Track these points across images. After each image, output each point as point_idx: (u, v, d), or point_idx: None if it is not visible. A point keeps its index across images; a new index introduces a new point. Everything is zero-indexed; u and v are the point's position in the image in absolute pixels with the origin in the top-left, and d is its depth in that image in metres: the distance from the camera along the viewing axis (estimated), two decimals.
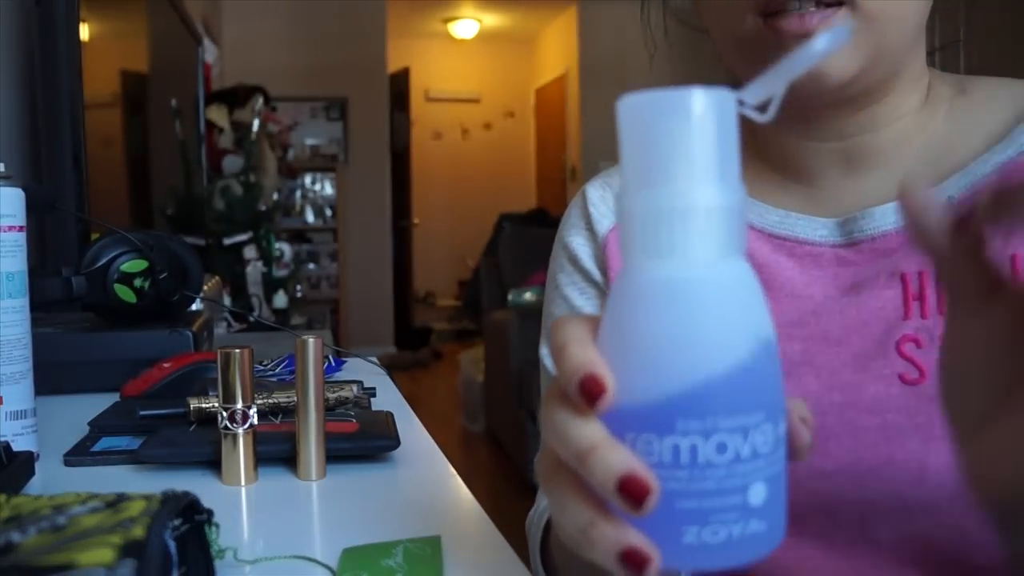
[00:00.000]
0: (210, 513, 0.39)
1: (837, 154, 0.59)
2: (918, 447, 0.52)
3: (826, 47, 0.30)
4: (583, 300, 0.68)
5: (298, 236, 5.82)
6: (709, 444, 0.28)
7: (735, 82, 0.59)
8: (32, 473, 0.57)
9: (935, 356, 0.53)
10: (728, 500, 0.29)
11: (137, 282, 0.91)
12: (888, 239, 0.56)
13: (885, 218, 0.57)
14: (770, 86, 0.30)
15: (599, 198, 0.68)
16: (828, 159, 0.59)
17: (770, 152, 0.62)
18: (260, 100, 3.62)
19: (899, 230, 0.56)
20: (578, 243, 0.68)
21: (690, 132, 0.28)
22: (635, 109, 0.29)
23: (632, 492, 0.28)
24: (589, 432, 0.30)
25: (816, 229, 0.59)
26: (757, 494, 0.29)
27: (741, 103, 0.30)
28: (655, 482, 0.28)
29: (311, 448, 0.58)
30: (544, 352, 0.71)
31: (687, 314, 0.29)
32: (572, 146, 6.52)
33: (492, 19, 7.04)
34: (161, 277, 0.91)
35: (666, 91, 0.29)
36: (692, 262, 0.29)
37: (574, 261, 0.69)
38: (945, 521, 0.52)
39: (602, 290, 0.67)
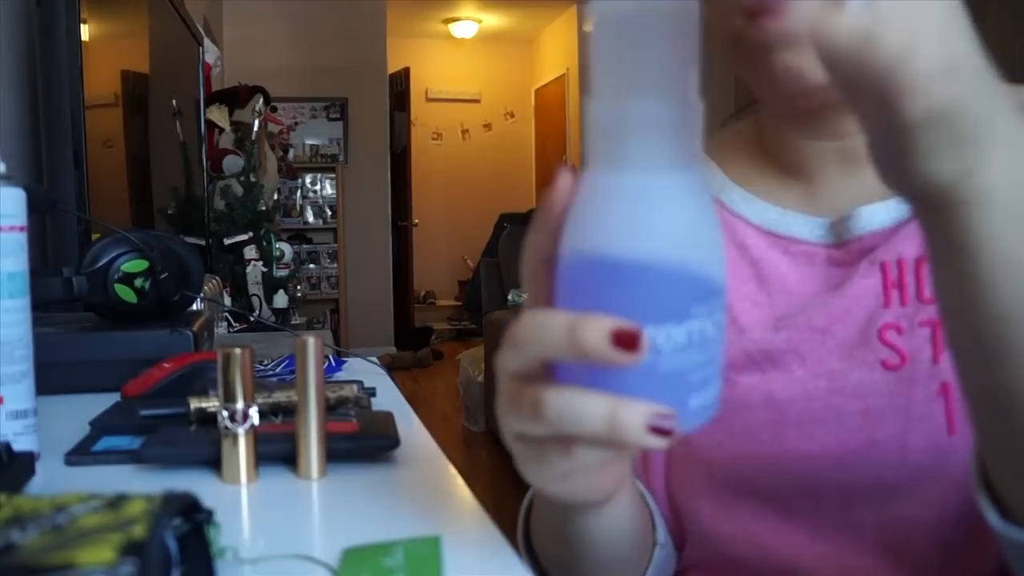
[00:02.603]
0: (210, 513, 0.39)
1: (836, 152, 0.59)
2: (898, 430, 0.54)
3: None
4: None
5: (298, 236, 5.82)
6: (710, 324, 0.33)
7: (736, 79, 0.59)
8: (32, 473, 0.57)
9: (916, 342, 0.54)
10: (714, 368, 0.34)
11: (138, 282, 0.91)
12: (875, 237, 0.57)
13: (872, 217, 0.57)
14: None
15: None
16: (827, 157, 0.60)
17: (773, 150, 0.63)
18: (260, 100, 3.63)
19: (886, 229, 0.57)
20: None
21: (652, 46, 0.31)
22: (604, 15, 0.31)
23: (626, 341, 0.30)
24: (602, 402, 0.32)
25: (811, 229, 0.60)
26: (722, 362, 0.35)
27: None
28: (641, 330, 0.31)
29: (311, 448, 0.58)
30: None
31: (661, 216, 0.32)
32: (572, 146, 6.53)
33: (492, 19, 7.04)
34: (161, 277, 0.91)
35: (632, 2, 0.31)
36: (651, 169, 0.32)
37: None
38: (925, 502, 0.53)
39: None
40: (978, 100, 0.31)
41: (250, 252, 3.33)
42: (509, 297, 3.61)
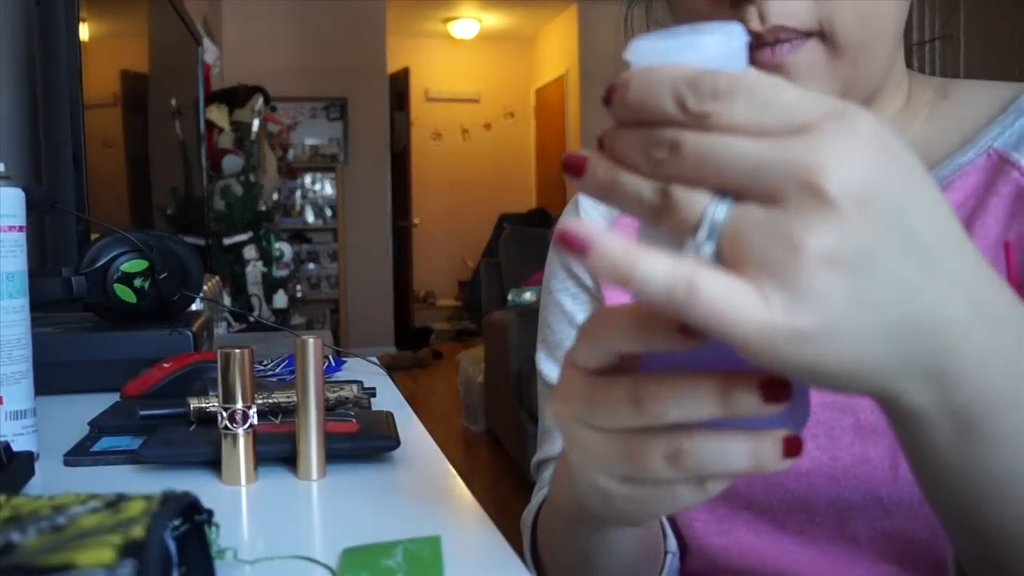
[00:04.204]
0: (210, 513, 0.39)
1: None
2: (890, 445, 0.53)
3: (718, 49, 0.30)
4: (575, 305, 0.69)
5: (298, 236, 5.82)
6: None
7: None
8: (32, 473, 0.57)
9: None
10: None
11: (137, 282, 0.91)
12: None
13: None
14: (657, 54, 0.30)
15: (592, 205, 0.68)
16: None
17: None
18: (260, 100, 3.63)
19: None
20: None
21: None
22: (645, 56, 0.30)
23: (773, 391, 0.29)
24: (741, 442, 0.31)
25: None
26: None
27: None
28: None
29: (311, 448, 0.58)
30: (540, 358, 0.71)
31: None
32: (572, 146, 6.52)
33: (492, 19, 7.04)
34: (161, 277, 0.91)
35: (676, 37, 0.30)
36: None
37: (566, 267, 0.70)
38: (919, 519, 0.53)
39: (594, 295, 0.68)
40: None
41: (250, 252, 3.33)
42: (509, 297, 3.61)
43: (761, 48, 0.51)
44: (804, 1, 0.50)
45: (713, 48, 0.29)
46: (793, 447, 0.30)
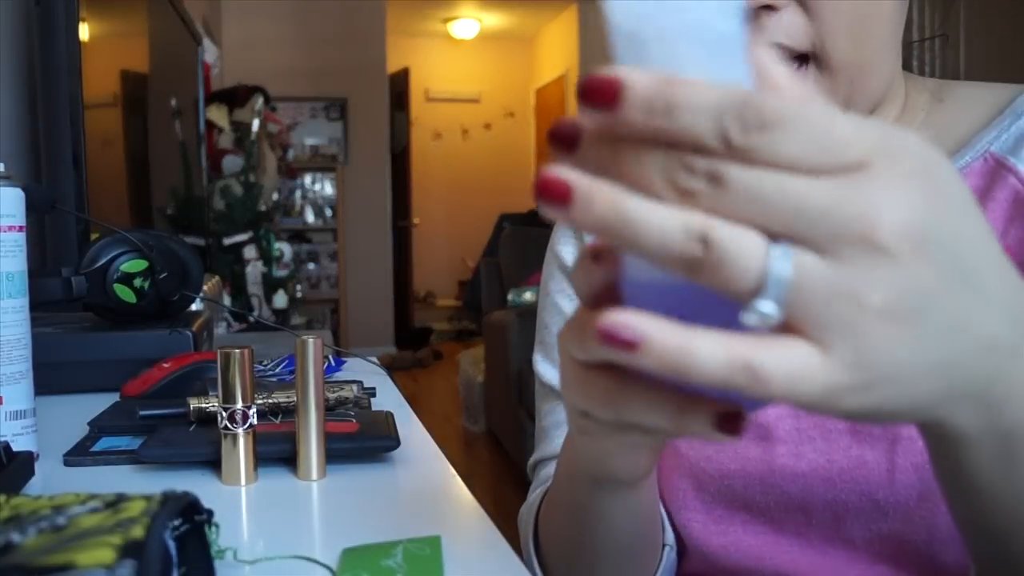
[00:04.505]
0: (210, 513, 0.39)
1: None
2: (886, 448, 0.53)
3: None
4: (572, 306, 0.69)
5: (298, 236, 5.82)
6: None
7: None
8: (32, 473, 0.57)
9: None
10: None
11: (137, 282, 0.91)
12: None
13: None
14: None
15: None
16: None
17: None
18: (260, 100, 3.63)
19: None
20: (567, 251, 0.70)
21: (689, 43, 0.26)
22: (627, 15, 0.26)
23: (731, 425, 0.28)
24: (670, 399, 0.29)
25: None
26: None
27: None
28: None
29: (311, 448, 0.58)
30: (538, 359, 0.72)
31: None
32: None
33: (492, 19, 7.04)
34: (161, 277, 0.90)
35: None
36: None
37: (563, 269, 0.70)
38: (915, 520, 0.53)
39: None
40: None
41: (250, 252, 3.33)
42: (509, 297, 3.61)
43: None
44: (799, 20, 0.50)
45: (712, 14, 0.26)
46: (730, 424, 0.28)
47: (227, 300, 2.88)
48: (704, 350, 0.25)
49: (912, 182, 0.25)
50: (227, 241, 3.26)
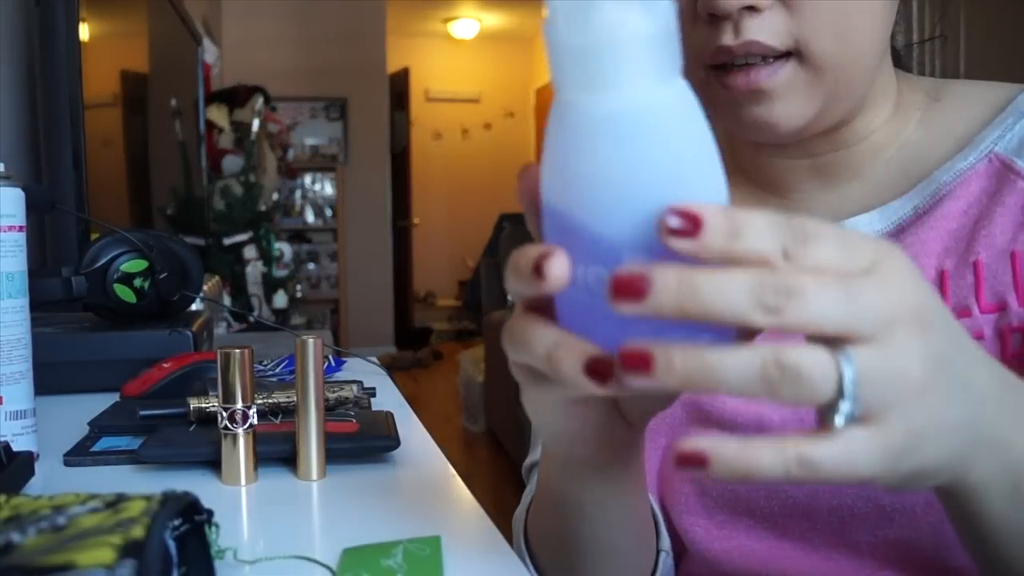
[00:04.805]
0: (210, 513, 0.39)
1: (811, 169, 0.59)
2: None
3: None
4: None
5: (298, 236, 5.82)
6: None
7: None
8: (32, 473, 0.57)
9: None
10: (673, 336, 0.29)
11: (137, 282, 0.91)
12: None
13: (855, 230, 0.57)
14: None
15: None
16: (802, 174, 0.59)
17: (746, 165, 0.63)
18: (260, 100, 3.63)
19: None
20: None
21: None
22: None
23: (598, 371, 0.31)
24: (549, 336, 0.32)
25: None
26: (702, 341, 0.30)
27: None
28: (616, 357, 0.30)
29: (311, 448, 0.58)
30: None
31: (632, 147, 0.29)
32: None
33: (492, 19, 7.04)
34: (161, 277, 0.90)
35: None
36: (634, 93, 0.28)
37: None
38: (921, 526, 0.53)
39: None
40: (963, 442, 0.33)
41: (250, 252, 3.33)
42: (509, 297, 3.61)
43: (735, 71, 0.51)
44: (781, 18, 0.50)
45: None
46: (598, 369, 0.31)
47: (227, 300, 2.88)
48: (761, 455, 0.29)
49: (913, 272, 0.31)
50: (227, 241, 3.26)
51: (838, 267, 0.29)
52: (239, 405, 0.56)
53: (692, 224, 0.28)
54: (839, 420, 0.28)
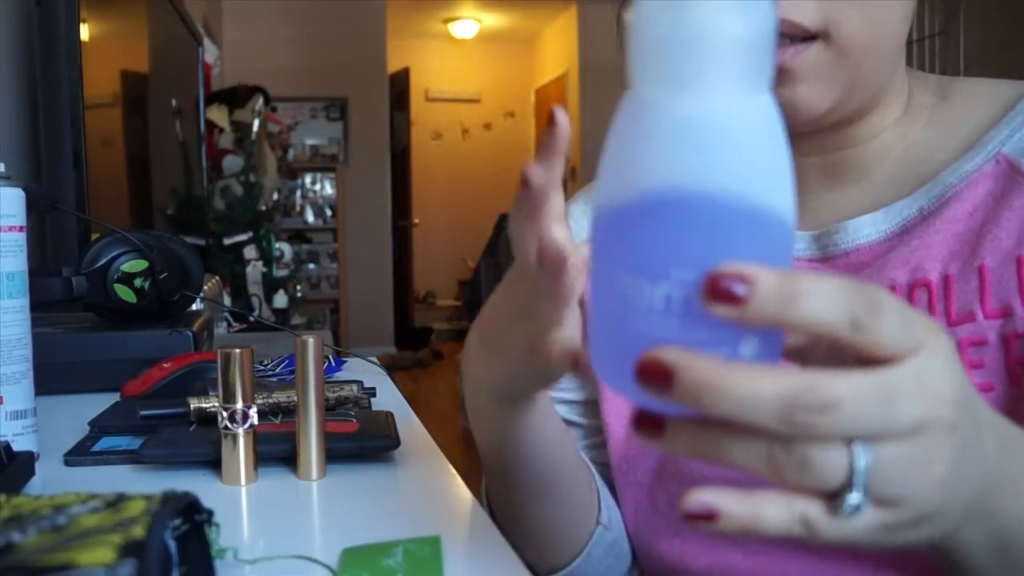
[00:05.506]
0: (210, 513, 0.39)
1: (819, 167, 0.59)
2: None
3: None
4: None
5: (298, 236, 5.82)
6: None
7: None
8: (32, 473, 0.57)
9: None
10: (716, 351, 0.28)
11: (137, 282, 0.91)
12: (862, 252, 0.56)
13: (859, 231, 0.56)
14: None
15: (580, 212, 0.68)
16: (810, 172, 0.59)
17: None
18: (260, 100, 3.63)
19: (872, 243, 0.56)
20: None
21: None
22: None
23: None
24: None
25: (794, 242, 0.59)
26: (749, 346, 0.28)
27: None
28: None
29: (311, 448, 0.58)
30: None
31: (710, 158, 0.27)
32: (572, 146, 6.51)
33: (492, 19, 7.03)
34: (161, 277, 0.91)
35: None
36: (721, 99, 0.27)
37: None
38: None
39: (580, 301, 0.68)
40: (959, 509, 0.33)
41: (250, 252, 3.33)
42: None
43: None
44: (812, 0, 0.49)
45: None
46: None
47: (227, 300, 2.88)
48: (770, 514, 0.30)
49: (953, 360, 0.30)
50: (227, 241, 3.26)
51: (892, 347, 0.28)
52: (239, 405, 0.56)
53: (742, 285, 0.27)
54: (845, 508, 0.29)
